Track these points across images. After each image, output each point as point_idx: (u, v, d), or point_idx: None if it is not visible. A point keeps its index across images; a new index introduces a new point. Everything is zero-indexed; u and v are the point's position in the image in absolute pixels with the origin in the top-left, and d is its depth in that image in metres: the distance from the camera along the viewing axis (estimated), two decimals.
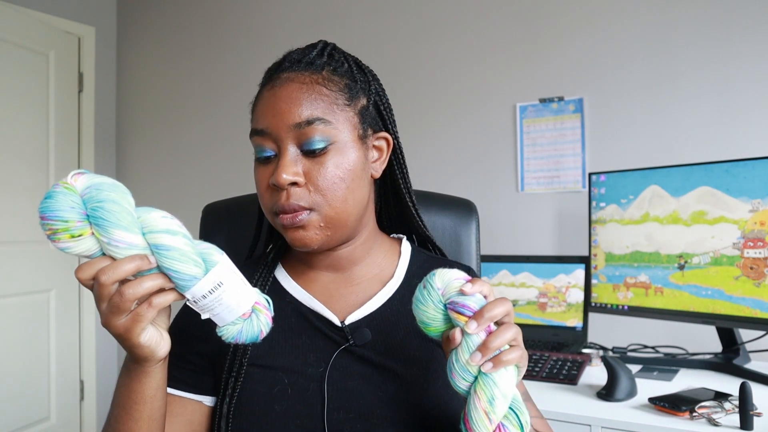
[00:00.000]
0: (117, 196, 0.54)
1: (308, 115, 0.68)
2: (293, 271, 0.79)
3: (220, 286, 0.56)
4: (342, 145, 0.70)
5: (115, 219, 0.53)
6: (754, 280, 1.40)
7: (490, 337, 0.58)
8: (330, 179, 0.69)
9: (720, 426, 1.13)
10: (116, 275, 0.53)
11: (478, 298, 0.59)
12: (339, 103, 0.71)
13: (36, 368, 2.67)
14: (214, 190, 2.83)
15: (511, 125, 2.30)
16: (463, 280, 0.61)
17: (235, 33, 2.89)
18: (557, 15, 2.22)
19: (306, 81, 0.71)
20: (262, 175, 0.71)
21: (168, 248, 0.54)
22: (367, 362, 0.72)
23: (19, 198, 2.63)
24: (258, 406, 0.69)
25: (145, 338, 0.57)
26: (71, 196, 0.54)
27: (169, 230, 0.55)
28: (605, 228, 1.69)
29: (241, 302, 0.57)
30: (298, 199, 0.68)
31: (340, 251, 0.77)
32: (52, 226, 0.53)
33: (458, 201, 1.03)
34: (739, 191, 1.42)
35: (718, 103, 1.98)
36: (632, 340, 1.85)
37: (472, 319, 0.58)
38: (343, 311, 0.75)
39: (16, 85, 2.63)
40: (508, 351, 0.58)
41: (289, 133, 0.68)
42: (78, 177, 0.55)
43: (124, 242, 0.53)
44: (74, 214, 0.53)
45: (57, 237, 0.53)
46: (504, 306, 0.59)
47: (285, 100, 0.69)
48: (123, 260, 0.54)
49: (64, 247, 0.54)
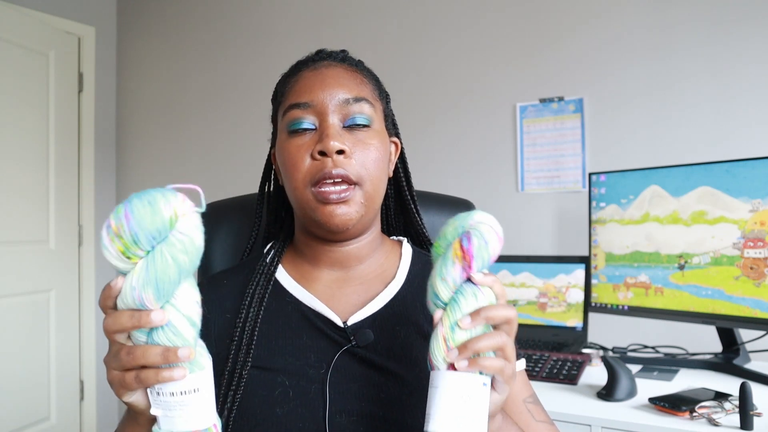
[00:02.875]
0: (187, 263, 0.50)
1: (357, 93, 0.73)
2: (294, 270, 0.79)
3: (195, 392, 0.52)
4: (379, 131, 0.75)
5: (160, 281, 0.49)
6: (754, 280, 1.39)
7: (476, 338, 0.56)
8: (372, 156, 0.72)
9: (720, 426, 1.13)
10: (116, 326, 0.51)
11: (490, 281, 0.58)
12: (375, 95, 0.77)
13: (36, 368, 2.67)
14: (214, 190, 2.82)
15: (511, 125, 2.30)
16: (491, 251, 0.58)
17: (235, 33, 2.89)
18: (557, 15, 2.22)
19: (348, 69, 0.75)
20: (297, 146, 0.71)
21: (176, 332, 0.51)
22: (368, 364, 0.71)
23: (19, 198, 2.63)
24: (259, 409, 0.68)
25: (130, 400, 0.55)
26: (162, 227, 0.49)
27: (190, 319, 0.52)
28: (605, 228, 1.69)
29: (203, 418, 0.53)
30: (345, 167, 0.69)
31: (349, 247, 0.76)
32: (121, 231, 0.48)
33: (456, 201, 1.03)
34: (739, 191, 1.42)
35: (718, 103, 1.98)
36: (632, 340, 1.85)
37: (468, 315, 0.56)
38: (345, 311, 0.74)
39: (16, 85, 2.63)
40: (490, 357, 0.56)
41: (336, 108, 0.71)
42: (188, 217, 0.51)
43: (144, 303, 0.50)
44: (145, 242, 0.49)
45: (111, 238, 0.49)
46: (507, 311, 0.57)
47: (333, 78, 0.73)
48: (124, 312, 0.51)
49: (106, 247, 0.49)
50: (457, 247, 0.58)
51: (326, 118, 0.70)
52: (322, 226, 0.71)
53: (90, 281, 2.99)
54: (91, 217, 3.02)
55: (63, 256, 2.86)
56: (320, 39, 2.61)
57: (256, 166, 0.86)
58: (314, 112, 0.71)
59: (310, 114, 0.71)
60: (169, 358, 0.50)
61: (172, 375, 0.51)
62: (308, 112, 0.71)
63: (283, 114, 0.73)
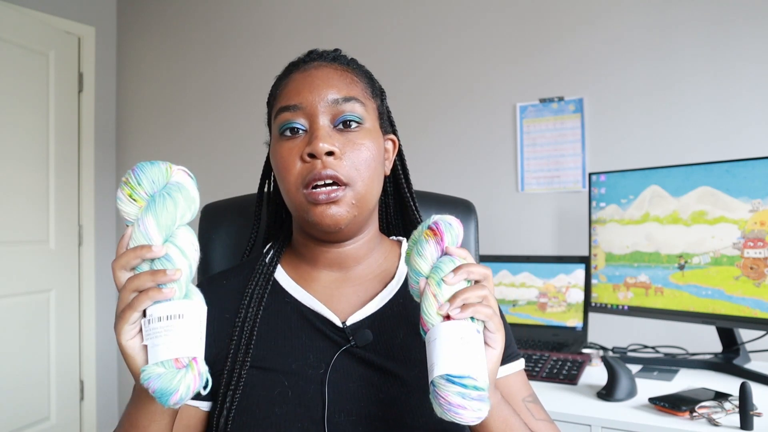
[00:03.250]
0: (182, 203, 0.59)
1: (346, 92, 0.72)
2: (293, 270, 0.79)
3: (180, 317, 0.56)
4: (371, 130, 0.74)
5: (159, 213, 0.58)
6: (754, 280, 1.39)
7: (463, 289, 0.59)
8: (363, 156, 0.71)
9: (720, 426, 1.13)
10: (123, 261, 0.57)
11: (464, 253, 0.63)
12: (367, 93, 0.76)
13: (36, 368, 2.67)
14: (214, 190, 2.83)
15: (511, 125, 2.30)
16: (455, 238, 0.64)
17: (235, 33, 2.89)
18: (557, 15, 2.22)
19: (338, 69, 0.75)
20: (288, 149, 0.71)
21: (170, 260, 0.57)
22: (367, 364, 0.71)
23: (19, 198, 2.63)
24: (258, 409, 0.68)
25: (127, 343, 0.56)
26: (161, 175, 0.60)
27: (184, 252, 0.58)
28: (605, 228, 1.69)
29: (186, 347, 0.55)
30: (334, 168, 0.69)
31: (347, 247, 0.76)
32: (129, 179, 0.59)
33: (457, 201, 1.03)
34: (739, 191, 1.42)
35: (718, 103, 1.98)
36: (632, 340, 1.85)
37: (451, 272, 0.60)
38: (344, 312, 0.74)
39: (16, 85, 2.63)
40: (479, 304, 0.59)
41: (326, 108, 0.71)
42: (180, 172, 0.62)
43: (146, 231, 0.58)
44: (147, 186, 0.59)
45: (122, 187, 0.59)
46: (483, 268, 0.61)
47: (323, 79, 0.72)
48: (129, 249, 0.58)
49: (119, 197, 0.59)
50: (428, 230, 0.63)
51: (316, 120, 0.70)
52: (315, 226, 0.71)
53: (90, 281, 2.99)
54: (91, 217, 3.02)
55: (63, 256, 2.85)
56: (320, 39, 2.62)
57: (256, 166, 0.86)
58: (304, 114, 0.71)
59: (300, 116, 0.71)
60: (156, 277, 0.56)
61: (161, 292, 0.56)
62: (298, 114, 0.71)
63: (275, 117, 0.73)
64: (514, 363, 0.79)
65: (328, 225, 0.69)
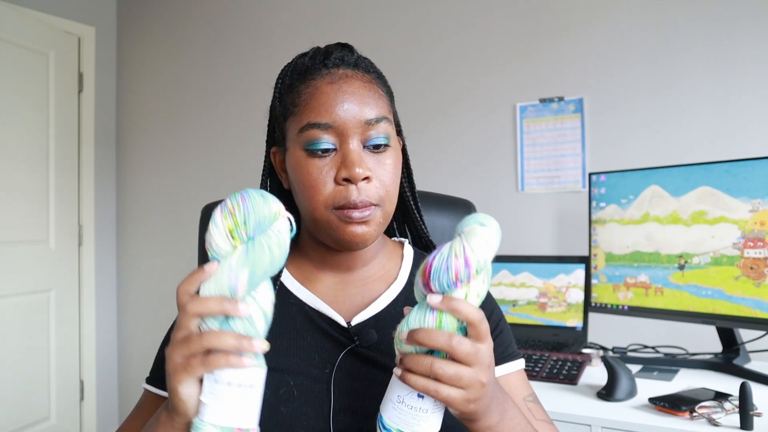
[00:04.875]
0: (278, 259, 0.55)
1: (377, 113, 0.71)
2: (297, 271, 0.79)
3: (251, 387, 0.54)
4: (395, 146, 0.74)
5: (256, 267, 0.53)
6: (754, 280, 1.39)
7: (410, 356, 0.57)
8: (391, 176, 0.71)
9: (720, 426, 1.13)
10: (201, 309, 0.54)
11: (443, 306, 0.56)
12: (389, 105, 0.76)
13: (36, 368, 2.67)
14: (214, 190, 2.83)
15: (511, 125, 2.30)
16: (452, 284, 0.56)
17: (235, 33, 2.89)
18: (557, 15, 2.22)
19: (366, 80, 0.73)
20: (318, 168, 0.69)
21: (252, 324, 0.54)
22: (372, 363, 0.72)
23: (19, 198, 2.63)
24: (264, 408, 0.68)
25: (184, 391, 0.55)
26: (269, 218, 0.54)
27: (265, 315, 0.55)
28: (605, 228, 1.69)
29: (248, 418, 0.54)
30: (368, 194, 0.68)
31: (355, 252, 0.76)
32: (236, 212, 0.53)
33: (457, 201, 1.03)
34: (739, 191, 1.42)
35: (718, 103, 1.98)
36: (632, 340, 1.85)
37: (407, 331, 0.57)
38: (348, 312, 0.74)
39: (16, 85, 2.63)
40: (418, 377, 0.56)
41: (357, 129, 0.69)
42: (285, 220, 0.56)
43: (235, 285, 0.53)
44: (252, 227, 0.54)
45: (225, 216, 0.53)
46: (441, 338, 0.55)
47: (354, 96, 0.70)
48: (214, 298, 0.53)
49: (216, 226, 0.53)
50: (423, 267, 0.57)
51: (347, 140, 0.69)
52: (342, 243, 0.71)
53: (90, 281, 2.99)
54: (91, 217, 3.02)
55: (63, 256, 2.86)
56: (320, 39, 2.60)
57: (256, 166, 0.85)
58: (335, 133, 0.69)
59: (330, 134, 0.69)
60: (243, 345, 0.53)
61: (241, 361, 0.52)
62: (328, 132, 0.69)
63: (300, 130, 0.70)
64: (514, 362, 0.79)
65: (357, 244, 0.70)
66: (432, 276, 0.55)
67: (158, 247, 3.05)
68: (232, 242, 0.54)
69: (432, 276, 0.55)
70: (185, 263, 2.81)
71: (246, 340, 0.53)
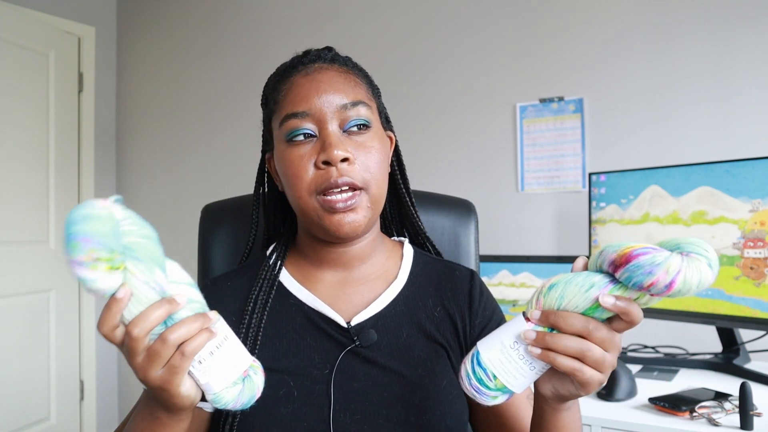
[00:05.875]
0: (154, 235, 0.52)
1: (353, 96, 0.72)
2: (296, 271, 0.79)
3: (226, 339, 0.55)
4: (377, 131, 0.75)
5: (158, 258, 0.51)
6: (754, 280, 1.39)
7: (552, 335, 0.55)
8: (374, 158, 0.72)
9: (720, 426, 1.13)
10: (149, 325, 0.51)
11: (612, 305, 0.53)
12: (369, 94, 0.76)
13: (36, 368, 2.67)
14: (214, 190, 2.83)
15: (511, 125, 2.30)
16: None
17: (235, 33, 2.89)
18: (557, 15, 2.22)
19: (341, 71, 0.74)
20: (299, 156, 0.70)
21: (192, 300, 0.54)
22: (372, 363, 0.71)
23: (19, 198, 2.63)
24: (264, 409, 0.68)
25: (185, 389, 0.55)
26: (114, 223, 0.49)
27: (191, 283, 0.55)
28: (605, 228, 1.69)
29: (243, 357, 0.56)
30: (350, 175, 0.69)
31: (352, 247, 0.77)
32: (96, 252, 0.47)
33: (457, 201, 1.03)
34: (739, 191, 1.42)
35: (718, 103, 1.98)
36: (632, 340, 1.85)
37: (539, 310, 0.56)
38: (348, 312, 0.74)
39: (16, 85, 2.63)
40: (565, 357, 0.54)
41: (335, 114, 0.70)
42: (116, 204, 0.51)
43: (160, 286, 0.52)
44: (118, 244, 0.49)
45: (94, 265, 0.48)
46: (579, 344, 0.54)
47: (328, 83, 0.72)
48: (151, 308, 0.52)
49: (93, 278, 0.48)
50: (627, 251, 0.52)
51: (325, 126, 0.70)
52: (331, 234, 0.71)
53: None
54: None
55: (63, 256, 2.85)
56: (320, 39, 2.61)
57: (256, 167, 0.85)
58: (312, 120, 0.70)
59: (308, 122, 0.70)
60: (204, 322, 0.53)
61: (211, 332, 0.53)
62: (306, 120, 0.70)
63: (280, 124, 0.72)
64: None
65: (346, 233, 0.70)
66: (631, 267, 0.51)
67: None
68: (118, 271, 0.50)
69: (631, 267, 0.51)
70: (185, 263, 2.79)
71: (204, 316, 0.54)
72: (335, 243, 0.75)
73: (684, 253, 0.51)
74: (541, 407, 0.63)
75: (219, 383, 0.54)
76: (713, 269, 0.51)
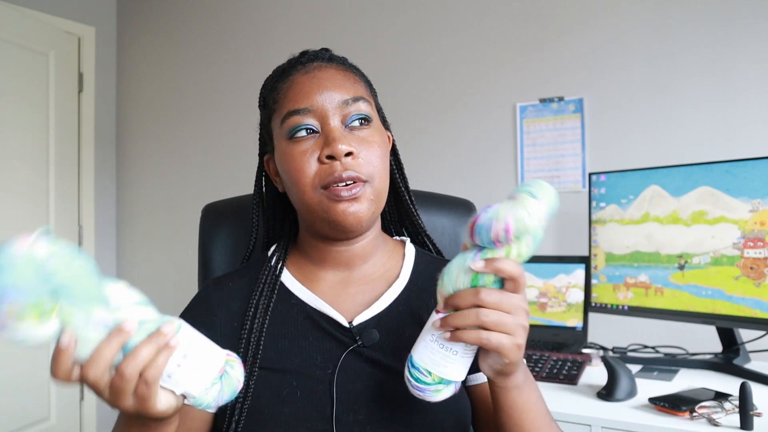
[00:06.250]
0: (87, 266, 0.47)
1: (354, 92, 0.73)
2: (298, 271, 0.79)
3: (192, 344, 0.54)
4: (378, 127, 0.76)
5: (94, 292, 0.47)
6: (754, 280, 1.39)
7: (452, 314, 0.58)
8: (376, 152, 0.72)
9: (720, 426, 1.13)
10: (103, 364, 0.49)
11: (479, 266, 0.57)
12: (368, 92, 0.78)
13: (36, 368, 2.67)
14: (214, 190, 2.83)
15: (511, 125, 2.30)
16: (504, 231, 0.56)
17: (235, 33, 2.89)
18: (557, 15, 2.22)
19: (340, 69, 0.75)
20: (301, 151, 0.70)
21: (144, 321, 0.50)
22: (374, 363, 0.71)
23: (19, 198, 2.63)
24: (267, 409, 0.68)
25: (162, 404, 0.53)
26: (36, 266, 0.44)
27: (140, 301, 0.52)
28: (605, 228, 1.69)
29: (215, 357, 0.54)
30: (355, 169, 0.69)
31: (354, 245, 0.76)
32: (18, 304, 0.42)
33: (457, 201, 1.03)
34: (739, 191, 1.42)
35: (718, 103, 1.98)
36: (632, 340, 1.85)
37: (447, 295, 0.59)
38: (350, 312, 0.74)
39: (16, 85, 2.63)
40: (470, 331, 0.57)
41: (336, 109, 0.71)
42: (38, 241, 0.46)
43: (103, 321, 0.48)
44: (44, 289, 0.44)
45: (22, 318, 0.43)
46: (470, 297, 0.57)
47: (329, 80, 0.73)
48: (101, 346, 0.49)
49: (24, 335, 0.44)
50: (474, 216, 0.58)
51: (328, 121, 0.70)
52: (336, 225, 0.70)
53: None
54: (91, 217, 3.02)
55: None
56: (320, 39, 2.61)
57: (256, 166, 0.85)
58: (314, 116, 0.71)
59: (310, 118, 0.71)
60: (159, 341, 0.51)
61: (170, 349, 0.51)
62: (308, 116, 0.71)
63: (282, 122, 0.72)
64: None
65: (351, 223, 0.70)
66: (475, 231, 0.57)
67: (158, 247, 3.05)
68: (51, 317, 0.46)
69: (475, 231, 0.57)
70: (185, 263, 2.81)
71: (159, 335, 0.51)
72: (338, 240, 0.75)
73: (513, 197, 0.57)
74: (493, 391, 0.65)
75: (196, 388, 0.53)
76: (539, 198, 0.56)
